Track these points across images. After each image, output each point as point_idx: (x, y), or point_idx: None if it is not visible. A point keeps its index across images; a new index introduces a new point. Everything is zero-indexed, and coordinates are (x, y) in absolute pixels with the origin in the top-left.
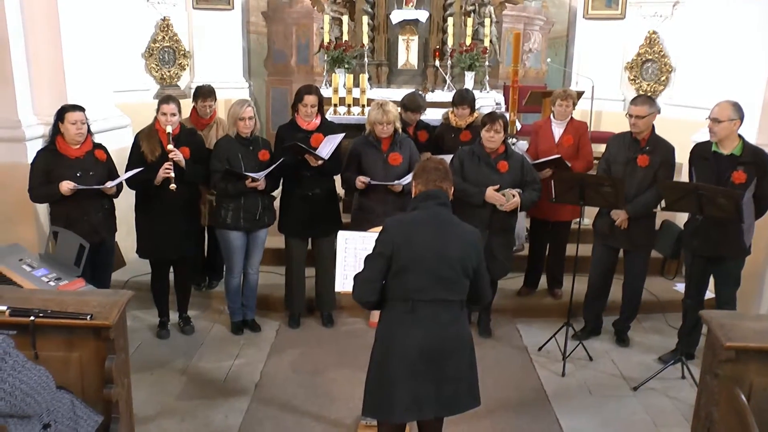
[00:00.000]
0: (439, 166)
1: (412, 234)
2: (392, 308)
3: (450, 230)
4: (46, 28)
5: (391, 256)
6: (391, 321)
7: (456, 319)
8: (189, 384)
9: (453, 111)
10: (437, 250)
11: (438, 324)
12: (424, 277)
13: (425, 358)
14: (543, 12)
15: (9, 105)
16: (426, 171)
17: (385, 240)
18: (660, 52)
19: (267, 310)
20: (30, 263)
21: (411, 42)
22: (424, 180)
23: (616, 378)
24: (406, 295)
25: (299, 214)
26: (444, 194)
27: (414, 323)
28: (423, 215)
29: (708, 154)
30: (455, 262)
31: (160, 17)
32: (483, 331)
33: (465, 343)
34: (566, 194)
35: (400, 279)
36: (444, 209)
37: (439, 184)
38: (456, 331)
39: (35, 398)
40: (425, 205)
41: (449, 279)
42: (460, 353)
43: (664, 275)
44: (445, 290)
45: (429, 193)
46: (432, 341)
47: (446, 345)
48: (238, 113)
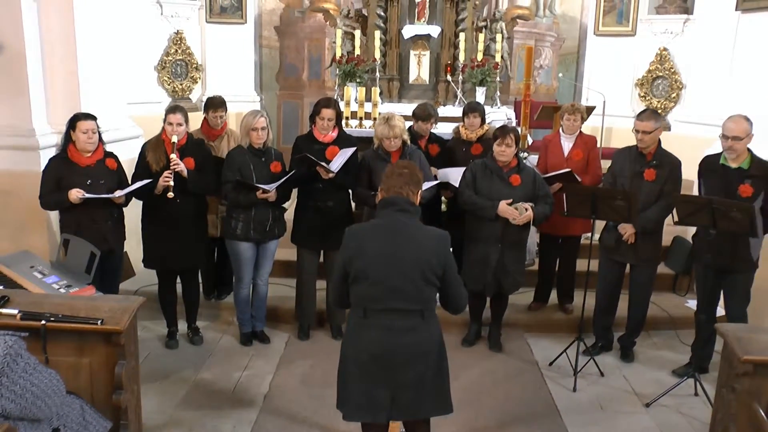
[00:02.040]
0: (403, 170)
1: (364, 243)
2: (352, 313)
3: (407, 238)
4: (62, 41)
5: (346, 266)
6: (350, 325)
7: (413, 327)
8: (197, 394)
9: (463, 123)
10: (389, 259)
11: (391, 332)
12: (375, 287)
13: (378, 363)
14: (554, 28)
15: (24, 114)
16: (387, 177)
17: (342, 249)
18: (671, 68)
19: (276, 322)
20: (41, 270)
21: (423, 57)
22: (386, 186)
23: (627, 394)
24: (359, 303)
25: (312, 226)
26: (404, 200)
27: (366, 329)
28: (380, 223)
29: (716, 167)
30: (411, 271)
31: (173, 30)
32: (493, 345)
33: (427, 350)
34: (578, 208)
35: (354, 287)
36: (403, 215)
37: (399, 190)
38: (413, 340)
39: (45, 402)
40: (384, 213)
41: (403, 288)
42: (420, 361)
43: (675, 292)
44: (398, 299)
45: (388, 200)
46: (384, 348)
47: (401, 352)
48: (251, 123)
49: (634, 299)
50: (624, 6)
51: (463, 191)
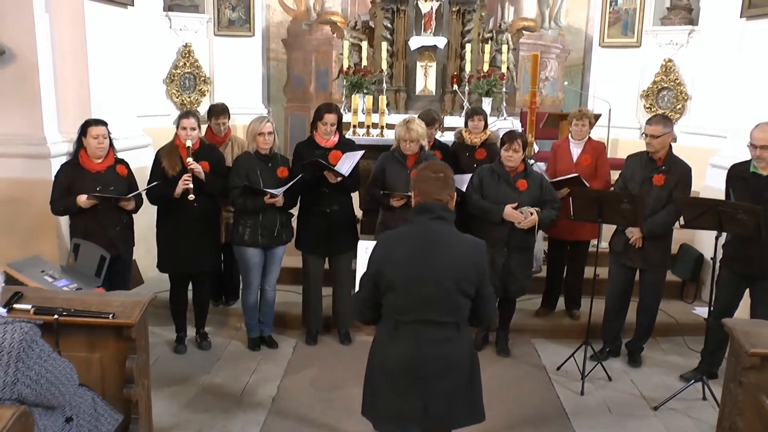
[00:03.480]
0: (439, 175)
1: (396, 252)
2: (382, 323)
3: (443, 247)
4: (74, 51)
5: (376, 277)
6: (379, 335)
7: (447, 339)
8: (206, 397)
9: (466, 128)
10: (422, 269)
11: (422, 344)
12: (406, 298)
13: (408, 376)
14: (559, 40)
15: (36, 123)
16: (422, 181)
17: (371, 259)
18: (676, 80)
19: (284, 328)
20: (52, 274)
21: (429, 68)
22: (420, 191)
23: (636, 397)
24: (390, 314)
25: (317, 231)
26: (440, 207)
27: (396, 342)
28: (413, 231)
29: (746, 175)
30: (446, 281)
31: (182, 44)
32: (501, 350)
33: (460, 362)
34: (584, 211)
35: (386, 297)
36: (439, 224)
37: (437, 196)
38: (447, 352)
39: (59, 389)
40: (419, 220)
41: (436, 299)
42: (454, 373)
43: (683, 299)
44: (430, 311)
45: (424, 207)
46: (415, 361)
47: (433, 365)
48: (258, 128)
49: (643, 304)
50: (629, 17)
51: (471, 195)
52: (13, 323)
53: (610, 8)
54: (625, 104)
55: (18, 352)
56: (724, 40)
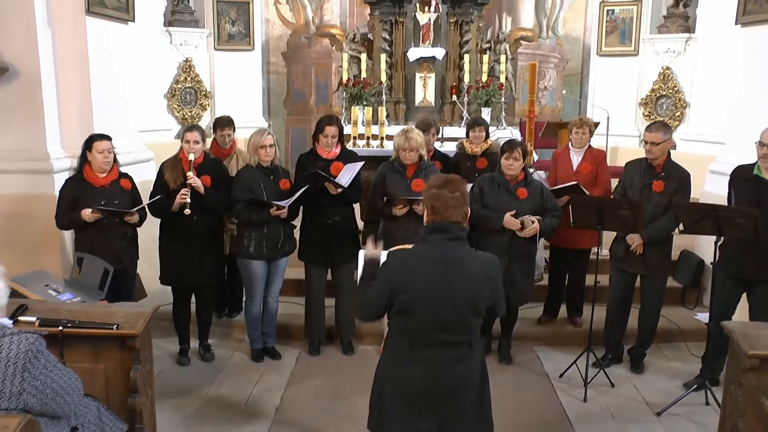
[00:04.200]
0: (456, 193)
1: (413, 275)
2: (393, 340)
3: (459, 269)
4: (76, 66)
5: (390, 297)
6: (392, 352)
7: (461, 358)
8: (210, 408)
9: (468, 138)
10: (440, 293)
11: (439, 365)
12: (424, 321)
13: (425, 397)
14: (557, 49)
15: (39, 138)
16: (437, 199)
17: (385, 278)
18: (674, 87)
19: (287, 339)
20: (55, 288)
21: (428, 79)
22: (435, 209)
23: (638, 403)
24: (405, 335)
25: (319, 241)
26: (456, 227)
27: (412, 362)
28: (428, 252)
29: (749, 177)
30: (463, 305)
31: (182, 58)
32: (503, 358)
33: (473, 378)
34: (584, 219)
35: (400, 318)
36: (454, 244)
37: (452, 217)
38: (461, 370)
39: (65, 398)
40: (433, 239)
41: (454, 322)
42: (467, 389)
43: (684, 305)
44: (448, 333)
45: (439, 226)
46: (431, 382)
47: (448, 384)
48: (259, 141)
49: (644, 310)
50: (626, 26)
51: (471, 204)
52: (19, 334)
53: (607, 17)
54: (624, 112)
55: (24, 362)
56: (721, 47)
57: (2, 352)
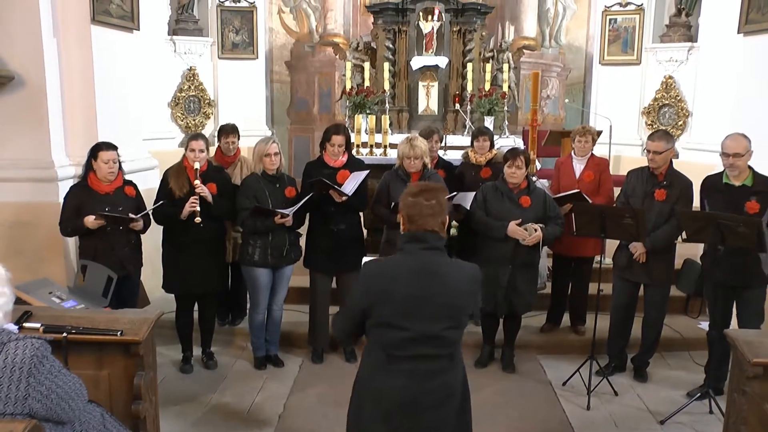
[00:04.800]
0: (432, 201)
1: (391, 287)
2: (371, 352)
3: (438, 279)
4: (81, 75)
5: (366, 309)
6: (369, 366)
7: (442, 370)
8: (213, 416)
9: (473, 147)
10: (418, 304)
11: (417, 378)
12: (403, 334)
13: (403, 411)
14: (560, 58)
15: (43, 147)
16: (412, 207)
17: (362, 290)
18: (676, 96)
19: (290, 347)
20: (59, 295)
21: (431, 88)
22: (410, 217)
23: (642, 412)
24: (383, 348)
25: (324, 249)
26: (434, 237)
27: (389, 376)
28: (406, 263)
29: (720, 186)
30: (442, 316)
31: (186, 67)
32: (506, 366)
33: (453, 392)
34: (587, 227)
35: (377, 330)
36: (433, 255)
37: (428, 225)
38: (441, 383)
39: (69, 404)
40: (410, 249)
41: (433, 334)
42: (446, 403)
43: (687, 314)
44: (427, 346)
45: (415, 236)
46: (410, 395)
47: (427, 398)
48: (264, 150)
49: (647, 319)
50: (628, 35)
51: (475, 212)
52: (24, 339)
53: (610, 26)
54: (627, 121)
55: (29, 368)
56: (723, 57)
57: (8, 357)
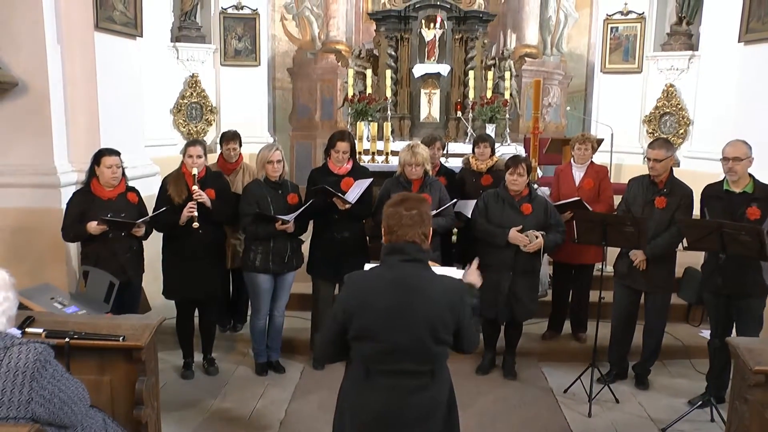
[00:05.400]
0: (411, 212)
1: (372, 302)
2: (352, 367)
3: (420, 295)
4: (84, 82)
5: (345, 322)
6: (349, 380)
7: (423, 387)
8: (214, 421)
9: (473, 154)
10: (399, 320)
11: (397, 392)
12: (381, 347)
13: (381, 424)
14: (561, 66)
15: (46, 153)
16: (391, 217)
17: (340, 303)
18: (678, 105)
19: (292, 353)
20: (61, 301)
21: (433, 95)
22: (390, 228)
23: (643, 419)
24: (361, 361)
25: (328, 256)
26: (413, 248)
27: (368, 390)
28: (385, 275)
29: (720, 193)
30: (421, 331)
31: (188, 74)
32: (508, 373)
33: (436, 411)
34: (588, 234)
35: (356, 344)
36: (414, 267)
37: (408, 237)
38: (421, 400)
39: (72, 408)
40: (390, 261)
41: (411, 349)
42: (428, 420)
43: (689, 322)
44: (405, 361)
45: (395, 247)
46: (389, 410)
47: (406, 415)
48: (267, 157)
49: (648, 326)
50: (630, 44)
51: (476, 220)
52: (27, 344)
53: (611, 35)
54: (628, 129)
55: (32, 372)
56: (724, 65)
57: (11, 362)
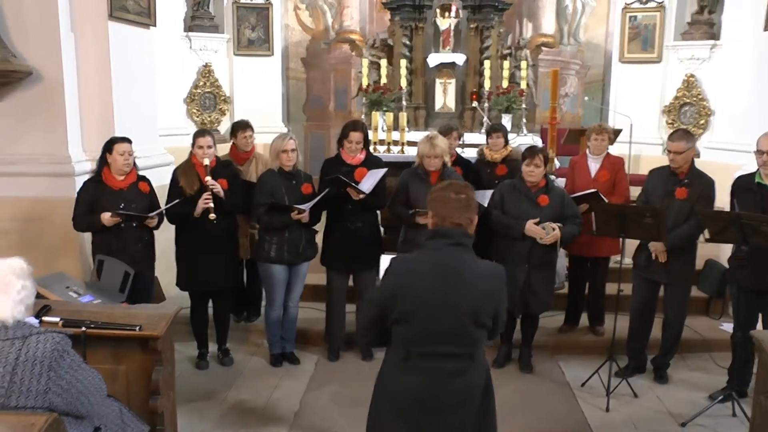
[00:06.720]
0: (460, 196)
1: (412, 282)
2: (391, 350)
3: (462, 279)
4: (98, 71)
5: (386, 305)
6: (388, 364)
7: (462, 370)
8: (228, 412)
9: (487, 145)
10: (440, 301)
11: (437, 376)
12: (422, 330)
13: (421, 409)
14: (578, 56)
15: (60, 142)
16: (441, 202)
17: (383, 286)
18: (698, 95)
19: (306, 344)
20: (76, 290)
21: (448, 85)
22: (438, 212)
23: (662, 414)
24: (401, 345)
25: (341, 248)
26: (459, 232)
27: (407, 373)
28: (429, 258)
29: (752, 186)
30: (462, 314)
31: (202, 64)
32: (524, 367)
33: (474, 394)
34: (607, 226)
35: (398, 327)
36: (456, 250)
37: (455, 219)
38: (461, 383)
39: (89, 398)
40: (434, 245)
41: (453, 332)
42: (466, 405)
43: (709, 315)
44: (447, 344)
45: (440, 231)
46: (429, 394)
47: (446, 398)
48: (281, 146)
49: (667, 320)
50: (648, 33)
51: (492, 211)
52: (45, 333)
53: (630, 24)
54: (647, 120)
55: (50, 362)
56: (747, 55)
57: (29, 351)
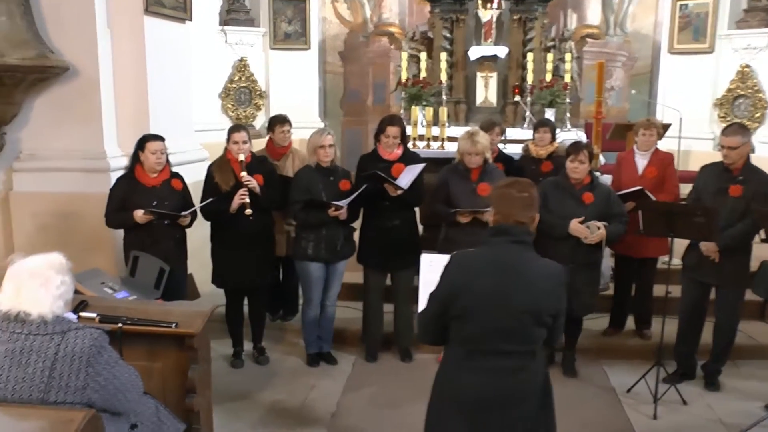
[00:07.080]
0: (523, 194)
1: (473, 278)
2: (451, 348)
3: (524, 277)
4: (134, 67)
5: (447, 301)
6: (448, 362)
7: (523, 368)
8: (264, 412)
9: (533, 140)
10: (500, 299)
11: (498, 374)
12: (483, 328)
13: (484, 407)
14: (625, 47)
15: (96, 138)
16: (505, 199)
17: (444, 282)
18: (754, 86)
19: (343, 344)
20: (111, 286)
21: (490, 79)
22: (501, 210)
23: (713, 423)
24: (462, 343)
25: (378, 245)
26: (521, 230)
27: (470, 371)
28: (490, 255)
29: None
30: (523, 313)
31: (237, 58)
32: (567, 371)
33: (535, 390)
34: (654, 225)
35: (457, 324)
36: (518, 248)
37: (518, 218)
38: (522, 380)
39: (126, 395)
40: (496, 242)
41: (513, 330)
42: (527, 402)
43: (764, 320)
44: (508, 342)
45: (502, 228)
46: (491, 392)
47: (508, 394)
48: (318, 141)
49: (719, 324)
50: (700, 22)
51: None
52: (84, 329)
53: (680, 12)
54: (697, 114)
55: (88, 358)
56: None
57: (68, 346)
